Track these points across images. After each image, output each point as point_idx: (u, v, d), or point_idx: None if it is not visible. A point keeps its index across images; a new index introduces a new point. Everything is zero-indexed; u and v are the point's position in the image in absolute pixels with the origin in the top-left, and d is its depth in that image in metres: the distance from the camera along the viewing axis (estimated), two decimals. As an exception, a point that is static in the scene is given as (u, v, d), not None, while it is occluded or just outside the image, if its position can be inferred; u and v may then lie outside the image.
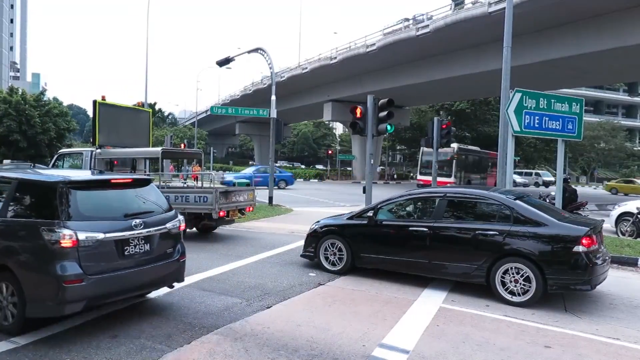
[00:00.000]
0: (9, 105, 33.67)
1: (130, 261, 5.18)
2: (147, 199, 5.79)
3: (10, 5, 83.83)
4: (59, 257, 4.68)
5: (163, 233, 5.55)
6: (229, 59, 19.94)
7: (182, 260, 5.88)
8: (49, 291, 4.71)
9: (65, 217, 4.79)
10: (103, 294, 5.00)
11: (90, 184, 5.56)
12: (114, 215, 5.26)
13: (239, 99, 58.08)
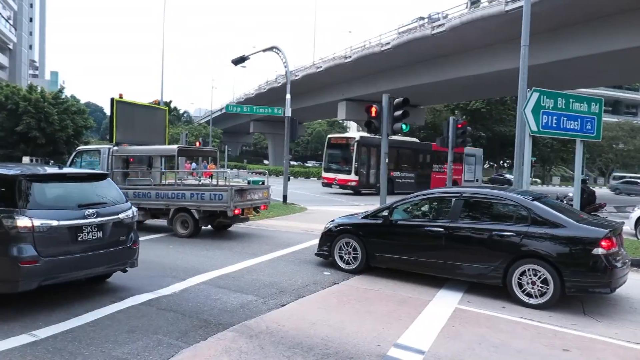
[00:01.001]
0: (28, 102, 34.23)
1: (84, 246, 5.79)
2: (102, 191, 6.41)
3: (29, 5, 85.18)
4: (16, 241, 5.26)
5: (116, 222, 6.17)
6: (244, 58, 20.02)
7: (135, 247, 6.51)
8: (7, 270, 5.29)
9: (22, 206, 5.39)
10: (57, 274, 5.62)
11: (47, 177, 6.12)
12: (68, 205, 5.87)
13: (254, 97, 58.26)
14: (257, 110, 21.09)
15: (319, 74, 42.31)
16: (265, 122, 64.60)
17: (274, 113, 19.86)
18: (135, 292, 6.33)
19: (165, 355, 4.41)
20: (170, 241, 10.33)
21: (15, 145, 34.03)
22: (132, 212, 6.55)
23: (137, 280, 6.94)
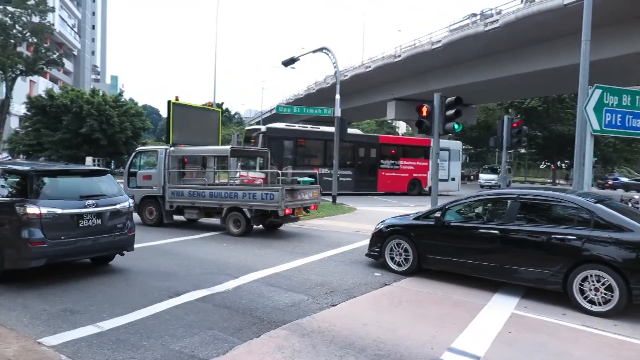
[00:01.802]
0: (91, 106, 36.05)
1: (84, 231, 6.81)
2: (102, 185, 7.47)
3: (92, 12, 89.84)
4: (26, 225, 6.29)
5: (113, 212, 7.21)
6: (294, 59, 20.24)
7: (131, 234, 7.54)
8: (19, 250, 6.34)
9: (32, 197, 6.45)
10: (61, 254, 6.70)
11: (54, 172, 7.26)
12: (71, 196, 6.88)
13: (303, 98, 58.77)
14: (307, 111, 21.25)
15: (367, 73, 42.11)
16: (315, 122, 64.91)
17: (323, 113, 19.95)
18: (191, 288, 6.53)
19: (220, 350, 4.53)
20: (223, 239, 10.60)
21: (79, 146, 35.92)
22: (128, 203, 7.58)
23: (193, 277, 7.17)
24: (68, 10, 69.10)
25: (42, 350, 4.40)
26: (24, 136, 38.21)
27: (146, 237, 10.49)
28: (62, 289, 6.42)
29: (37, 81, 52.78)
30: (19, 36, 39.33)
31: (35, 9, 39.19)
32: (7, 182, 6.94)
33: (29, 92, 46.70)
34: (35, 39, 40.02)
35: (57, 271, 7.37)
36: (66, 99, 36.90)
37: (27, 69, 39.93)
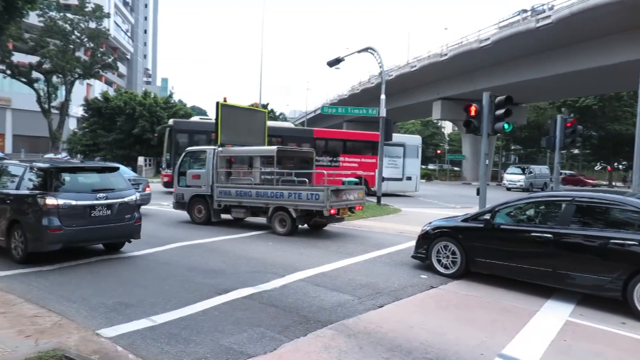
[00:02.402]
0: (143, 107, 37.48)
1: (96, 220, 7.84)
2: (113, 180, 8.51)
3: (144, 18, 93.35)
4: (46, 214, 7.34)
5: (122, 204, 8.20)
6: (339, 59, 20.23)
7: (138, 224, 8.53)
8: (39, 235, 7.37)
9: (51, 190, 7.54)
10: (75, 240, 7.73)
11: (70, 169, 8.26)
12: (85, 189, 7.95)
13: (347, 98, 58.76)
14: (351, 111, 21.23)
15: (413, 73, 41.63)
16: (359, 122, 64.78)
17: (368, 114, 19.86)
18: (239, 285, 6.66)
19: (268, 348, 4.60)
20: (269, 238, 10.75)
21: (132, 146, 37.39)
22: (135, 197, 8.54)
23: (240, 275, 7.31)
24: (122, 16, 72.03)
25: (100, 341, 4.61)
26: (81, 137, 40.17)
27: (195, 235, 10.79)
28: (117, 283, 6.70)
29: (93, 84, 55.36)
30: (78, 41, 41.38)
31: (92, 16, 41.10)
32: (32, 178, 7.99)
33: (86, 94, 49.07)
34: (92, 44, 41.99)
35: (112, 266, 7.71)
36: (120, 101, 38.51)
37: (85, 73, 41.94)
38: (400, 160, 25.41)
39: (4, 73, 39.06)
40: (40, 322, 4.99)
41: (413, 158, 26.01)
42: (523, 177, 35.65)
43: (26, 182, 7.97)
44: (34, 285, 6.47)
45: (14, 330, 4.71)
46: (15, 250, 7.72)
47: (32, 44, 39.14)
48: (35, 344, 4.40)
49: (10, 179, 8.34)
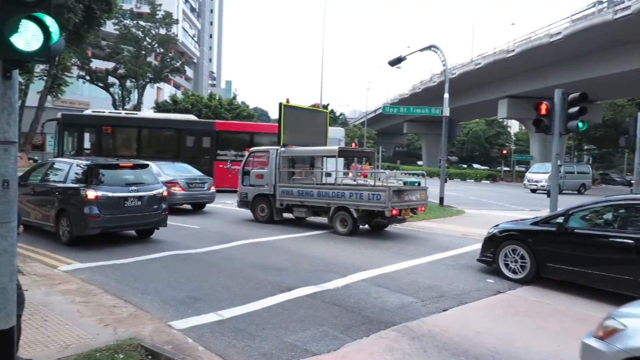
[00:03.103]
0: (209, 109, 38.94)
1: (128, 210, 9.20)
2: (143, 176, 9.90)
3: (210, 23, 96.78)
4: (87, 204, 8.69)
5: (150, 196, 9.51)
6: (401, 59, 20.00)
7: (165, 214, 9.80)
8: (81, 221, 8.75)
9: (92, 183, 8.93)
10: (111, 226, 9.14)
11: (107, 166, 9.62)
12: (119, 183, 9.32)
13: (408, 97, 57.92)
14: (413, 111, 20.93)
15: (477, 70, 40.35)
16: (420, 122, 63.79)
17: (431, 113, 19.49)
18: (302, 284, 6.75)
19: (331, 347, 4.63)
20: (330, 238, 10.81)
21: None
22: (162, 190, 9.92)
23: (302, 273, 7.41)
24: (189, 22, 75.10)
25: (172, 332, 4.83)
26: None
27: (258, 233, 11.05)
28: (186, 277, 6.99)
29: (162, 87, 58.10)
30: (149, 47, 43.65)
31: (162, 22, 43.20)
32: (76, 173, 9.32)
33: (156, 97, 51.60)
34: (162, 49, 44.16)
35: (181, 262, 8.06)
36: (187, 103, 40.22)
37: (155, 77, 44.17)
38: None
39: (83, 79, 41.95)
40: (117, 312, 5.30)
41: None
42: (545, 177, 29.68)
43: (71, 176, 9.30)
44: (111, 277, 6.89)
45: (95, 319, 5.03)
46: (63, 234, 9.11)
47: (108, 51, 41.79)
48: (114, 332, 4.68)
49: (57, 173, 9.75)
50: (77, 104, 49.22)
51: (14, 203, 3.27)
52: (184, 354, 4.20)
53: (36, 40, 2.97)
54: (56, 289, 6.00)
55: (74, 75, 39.76)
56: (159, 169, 14.52)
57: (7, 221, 3.24)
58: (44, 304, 5.36)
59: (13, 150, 3.23)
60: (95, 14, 27.21)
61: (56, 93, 35.48)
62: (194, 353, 4.31)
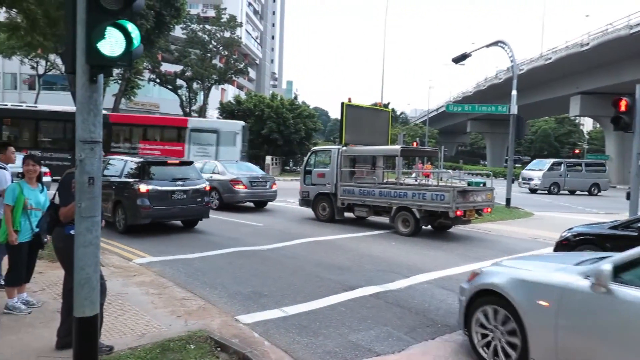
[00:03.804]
0: (271, 109, 39.66)
1: (175, 202, 10.23)
2: (188, 172, 10.99)
3: (272, 24, 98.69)
4: (140, 197, 9.73)
5: (194, 190, 10.52)
6: (466, 55, 19.44)
7: (207, 207, 10.89)
8: (135, 212, 9.82)
9: (144, 178, 9.96)
10: (160, 216, 10.15)
11: (157, 163, 10.78)
12: (167, 178, 10.29)
13: (472, 95, 56.23)
14: (479, 109, 20.28)
15: (547, 66, 38.47)
16: (484, 120, 61.69)
17: (497, 111, 18.80)
18: (364, 283, 6.73)
19: (395, 348, 4.58)
20: (392, 238, 10.70)
21: (260, 146, 39.76)
22: (205, 185, 10.89)
23: (365, 273, 7.39)
24: (252, 24, 76.95)
25: (239, 326, 4.97)
26: (217, 137, 43.65)
27: (320, 232, 11.14)
28: (251, 274, 7.17)
29: (226, 89, 59.90)
30: (214, 50, 45.14)
31: (227, 26, 44.53)
32: (130, 169, 10.33)
33: (221, 98, 53.31)
34: (226, 52, 45.50)
35: (246, 258, 8.27)
36: (250, 103, 41.16)
37: (220, 79, 45.60)
38: (212, 149, 23.40)
39: (154, 81, 44.07)
40: (188, 304, 5.53)
41: (229, 146, 23.61)
42: (540, 174, 27.43)
43: (126, 172, 10.34)
44: (181, 271, 7.20)
45: (168, 310, 5.28)
46: (118, 224, 10.21)
47: (176, 55, 43.62)
48: (185, 323, 4.88)
49: (113, 169, 10.80)
50: (148, 105, 51.87)
51: (98, 199, 3.49)
52: (251, 347, 4.30)
53: (119, 46, 3.15)
54: (132, 281, 6.35)
55: (145, 78, 41.83)
56: (224, 167, 15.06)
57: (92, 215, 3.46)
58: (121, 294, 5.69)
59: (98, 150, 3.44)
60: (165, 19, 28.51)
61: (129, 95, 37.56)
62: (260, 347, 4.41)
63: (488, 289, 4.18)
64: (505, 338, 3.99)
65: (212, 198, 14.65)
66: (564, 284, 3.63)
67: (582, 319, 3.48)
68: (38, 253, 5.37)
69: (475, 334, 4.27)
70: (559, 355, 3.57)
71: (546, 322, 3.64)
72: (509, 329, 3.94)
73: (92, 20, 3.13)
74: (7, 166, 5.58)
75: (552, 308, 3.61)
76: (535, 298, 3.75)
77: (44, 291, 5.68)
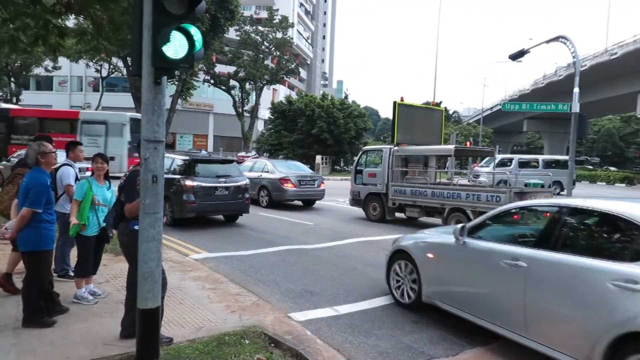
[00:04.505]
0: (321, 109, 39.86)
1: (218, 198, 10.89)
2: (230, 169, 11.64)
3: (323, 24, 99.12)
4: (185, 192, 10.38)
5: (236, 187, 11.17)
6: (524, 52, 18.64)
7: (247, 202, 11.45)
8: (182, 206, 10.45)
9: (190, 175, 10.61)
10: (204, 210, 10.87)
11: (202, 160, 11.39)
12: (211, 175, 10.95)
13: (529, 93, 54.11)
14: (537, 107, 19.38)
15: (613, 61, 36.42)
16: (542, 119, 59.12)
17: (558, 109, 17.93)
18: (417, 285, 6.62)
19: (450, 352, 4.49)
20: (444, 240, 10.48)
21: (310, 146, 40.08)
22: (245, 182, 11.52)
23: (417, 274, 7.27)
24: (304, 25, 77.60)
25: (291, 323, 5.03)
26: (268, 137, 44.46)
27: (370, 232, 11.09)
28: (302, 272, 7.25)
29: (278, 89, 60.78)
30: (266, 51, 45.93)
31: (279, 27, 45.19)
32: (178, 166, 11.01)
33: (272, 98, 54.14)
34: (278, 52, 46.18)
35: (297, 256, 8.36)
36: (301, 103, 41.55)
37: (271, 79, 46.36)
38: (101, 139, 23.98)
39: (208, 82, 45.40)
40: (241, 300, 5.66)
41: (116, 137, 24.18)
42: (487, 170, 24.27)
43: (173, 169, 11.04)
44: (235, 267, 7.37)
45: (223, 305, 5.42)
46: (165, 217, 10.45)
47: (230, 56, 44.71)
48: (239, 319, 5.00)
49: None
50: (203, 105, 53.50)
51: (161, 196, 3.63)
52: (304, 345, 4.35)
53: (183, 49, 3.27)
54: (188, 275, 6.57)
55: (200, 79, 43.17)
56: (273, 166, 15.30)
57: (155, 212, 3.61)
58: (179, 288, 5.90)
59: (161, 149, 3.59)
60: (220, 22, 29.32)
61: (185, 96, 38.83)
62: (313, 345, 4.44)
63: (401, 249, 5.82)
64: (409, 285, 5.63)
65: (262, 196, 14.97)
66: (441, 241, 5.39)
67: (450, 260, 5.21)
68: (104, 247, 5.66)
69: (392, 280, 5.91)
70: (437, 287, 5.29)
71: (431, 268, 5.38)
72: (413, 278, 5.58)
73: (158, 24, 3.26)
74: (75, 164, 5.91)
75: (435, 258, 5.37)
76: (425, 253, 5.46)
77: (108, 283, 5.98)
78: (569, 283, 3.80)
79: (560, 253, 3.95)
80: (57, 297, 4.81)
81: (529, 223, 5.10)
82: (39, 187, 4.37)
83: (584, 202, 4.22)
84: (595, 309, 3.56)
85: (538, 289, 4.01)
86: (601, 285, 3.54)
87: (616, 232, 3.93)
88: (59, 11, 7.79)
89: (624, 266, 3.49)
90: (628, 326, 3.29)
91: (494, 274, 4.48)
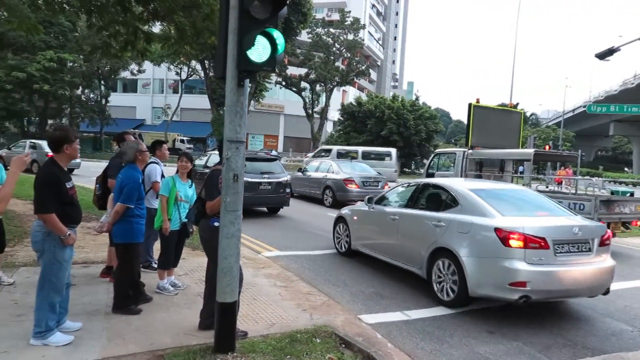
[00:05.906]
0: (391, 110, 39.50)
1: (262, 192, 11.89)
2: (273, 167, 12.60)
3: (394, 25, 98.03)
4: None
5: (278, 182, 12.19)
6: (613, 50, 17.41)
7: (288, 197, 12.60)
8: None
9: None
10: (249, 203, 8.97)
11: (248, 159, 10.45)
12: (256, 172, 11.84)
13: (617, 94, 50.42)
14: (627, 110, 18.08)
15: None
16: (631, 122, 55.03)
17: (652, 112, 16.62)
18: (491, 294, 6.37)
19: (528, 366, 4.28)
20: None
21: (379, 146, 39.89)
22: (286, 177, 12.52)
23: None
24: (375, 26, 77.23)
25: (361, 325, 5.02)
26: (337, 138, 44.70)
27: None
28: (371, 274, 7.20)
29: (347, 90, 60.92)
30: (337, 53, 46.18)
31: (350, 28, 45.27)
32: None
33: (342, 100, 54.40)
34: (348, 54, 46.27)
35: (366, 258, 8.28)
36: (371, 105, 41.41)
37: (342, 81, 46.53)
38: None
39: (280, 84, 46.39)
40: (312, 299, 5.72)
41: None
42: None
43: (210, 164, 11.93)
44: (305, 266, 7.48)
45: (294, 303, 5.52)
46: None
47: (301, 58, 45.41)
48: (310, 317, 5.06)
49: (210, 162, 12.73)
50: (274, 107, 54.81)
51: (241, 194, 3.77)
52: (375, 347, 4.32)
53: (266, 52, 3.38)
54: (261, 272, 6.75)
55: (273, 81, 44.21)
56: (338, 167, 15.39)
57: (235, 209, 3.75)
58: (252, 285, 6.07)
59: (242, 149, 3.72)
60: (293, 24, 29.89)
61: (258, 98, 39.95)
62: (384, 349, 4.40)
63: (340, 216, 8.60)
64: (344, 240, 8.34)
65: (326, 196, 15.14)
66: (361, 209, 8.18)
67: (366, 221, 7.92)
68: (184, 241, 5.95)
69: (336, 238, 8.65)
70: (360, 240, 7.93)
71: (356, 226, 8.08)
72: (346, 234, 8.29)
73: (243, 29, 3.39)
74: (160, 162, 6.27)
75: (358, 219, 8.11)
76: (353, 217, 8.23)
77: (187, 275, 6.29)
78: (415, 226, 6.59)
79: (414, 210, 6.78)
80: (142, 287, 5.13)
81: (404, 194, 7.40)
82: (133, 184, 4.68)
83: (431, 180, 7.97)
84: (425, 238, 6.22)
85: (402, 231, 6.81)
86: (428, 225, 6.23)
87: (439, 195, 6.61)
88: (146, 18, 8.33)
89: (438, 214, 6.21)
90: (435, 244, 6.00)
91: (384, 225, 7.22)
